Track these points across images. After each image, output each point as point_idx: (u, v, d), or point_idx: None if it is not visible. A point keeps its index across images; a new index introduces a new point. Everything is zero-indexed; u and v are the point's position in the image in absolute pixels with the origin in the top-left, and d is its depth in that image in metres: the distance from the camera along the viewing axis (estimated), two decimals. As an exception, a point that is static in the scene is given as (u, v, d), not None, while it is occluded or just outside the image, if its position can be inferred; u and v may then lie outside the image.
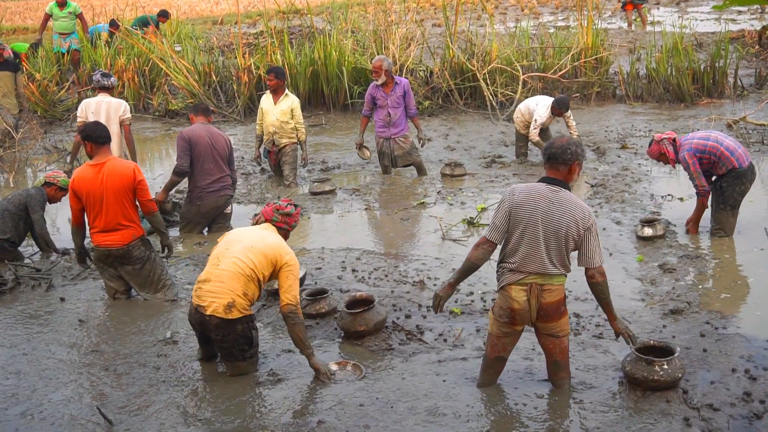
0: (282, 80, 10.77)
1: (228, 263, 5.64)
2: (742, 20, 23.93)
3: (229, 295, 5.58)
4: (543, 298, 5.11)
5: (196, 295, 5.68)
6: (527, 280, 5.12)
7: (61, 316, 6.95)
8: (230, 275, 5.60)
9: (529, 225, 5.11)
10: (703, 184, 8.15)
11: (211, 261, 5.76)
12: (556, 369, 5.38)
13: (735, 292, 7.11)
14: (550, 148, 5.25)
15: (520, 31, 17.15)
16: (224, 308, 5.56)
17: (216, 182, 8.78)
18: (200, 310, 5.62)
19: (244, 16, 27.77)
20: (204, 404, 5.45)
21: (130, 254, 7.09)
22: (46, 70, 16.98)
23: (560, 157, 5.18)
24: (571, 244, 5.11)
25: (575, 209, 5.10)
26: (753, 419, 5.00)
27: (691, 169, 8.11)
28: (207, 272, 5.71)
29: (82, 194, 6.92)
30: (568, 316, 5.29)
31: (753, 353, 5.85)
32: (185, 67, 15.96)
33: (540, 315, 5.16)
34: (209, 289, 5.61)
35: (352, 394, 5.47)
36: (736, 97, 15.10)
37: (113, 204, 6.91)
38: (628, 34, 21.44)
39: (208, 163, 8.68)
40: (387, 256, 8.24)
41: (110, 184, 6.87)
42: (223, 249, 5.76)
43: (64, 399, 5.57)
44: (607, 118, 14.34)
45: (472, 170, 11.36)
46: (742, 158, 8.11)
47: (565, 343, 5.29)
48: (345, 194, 10.54)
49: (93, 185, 6.87)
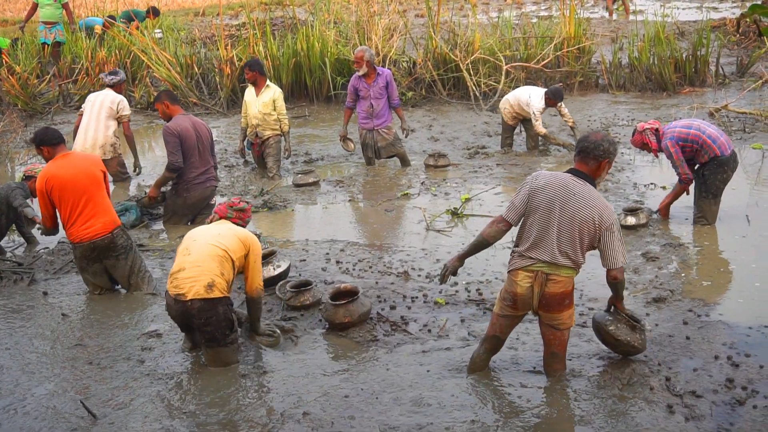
0: (258, 72, 10.72)
1: (200, 249, 5.73)
2: (724, 8, 24.00)
3: (207, 275, 5.64)
4: (547, 287, 5.12)
5: (173, 285, 5.69)
6: (534, 267, 5.13)
7: (44, 311, 6.91)
8: (205, 257, 5.68)
9: (544, 211, 5.11)
10: (686, 172, 8.20)
11: (180, 254, 5.80)
12: (552, 360, 5.40)
13: (717, 279, 7.16)
14: (583, 141, 5.25)
15: (502, 21, 17.15)
16: (205, 288, 5.61)
17: (202, 174, 8.74)
18: (180, 299, 5.64)
19: (226, 7, 27.63)
20: (188, 397, 5.44)
21: (114, 243, 7.07)
22: (26, 62, 16.83)
23: (592, 152, 5.17)
24: (585, 240, 5.09)
25: (595, 206, 5.06)
26: (735, 405, 5.04)
27: (674, 158, 8.17)
28: (179, 263, 5.74)
29: (56, 190, 6.82)
30: (573, 310, 5.27)
31: (735, 340, 5.90)
32: (167, 59, 15.88)
33: (542, 303, 5.17)
34: (186, 276, 5.65)
35: (338, 386, 5.48)
36: (718, 85, 15.16)
37: (92, 188, 6.91)
38: (610, 23, 21.48)
39: (195, 156, 8.62)
40: (371, 248, 8.24)
41: (84, 169, 6.89)
42: (190, 242, 5.83)
43: (47, 393, 5.54)
44: (590, 107, 14.38)
45: (456, 161, 11.37)
46: (724, 146, 8.15)
47: (565, 336, 5.31)
48: (329, 186, 10.53)
49: (67, 176, 6.82)
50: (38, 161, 11.88)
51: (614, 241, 5.09)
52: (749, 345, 5.82)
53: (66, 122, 15.14)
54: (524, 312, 5.32)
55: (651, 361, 5.59)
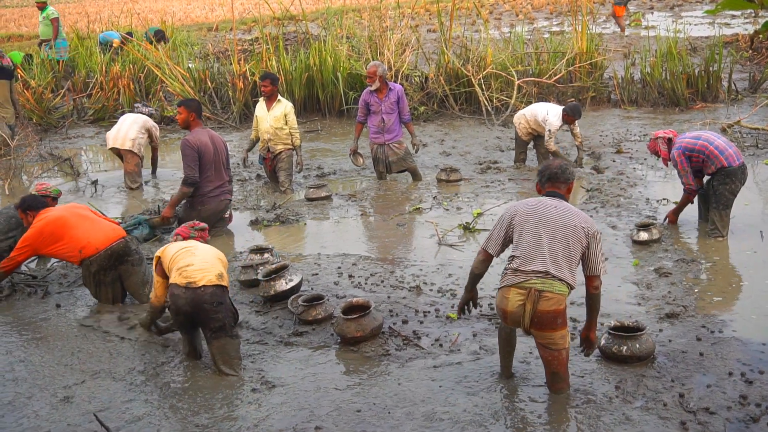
0: (276, 86, 10.79)
1: (204, 250, 6.10)
2: (736, 24, 24.01)
3: (216, 268, 5.97)
4: (539, 304, 5.11)
5: (183, 276, 5.85)
6: (528, 284, 5.14)
7: (57, 323, 6.95)
8: (212, 256, 6.06)
9: (531, 225, 5.26)
10: (689, 183, 8.37)
11: (185, 253, 6.03)
12: (554, 380, 5.39)
13: (730, 295, 7.13)
14: (548, 169, 5.54)
15: (514, 37, 17.19)
16: (216, 276, 5.90)
17: (217, 188, 8.76)
18: (191, 286, 5.80)
19: (239, 22, 27.80)
20: (201, 411, 5.45)
21: (129, 247, 7.31)
22: (41, 77, 16.97)
23: (561, 176, 5.49)
24: (577, 248, 5.18)
25: (579, 215, 5.29)
26: (749, 422, 5.02)
27: (679, 167, 8.35)
28: (187, 260, 5.96)
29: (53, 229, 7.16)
30: (567, 332, 5.27)
31: (749, 356, 5.87)
32: (180, 73, 15.97)
33: (534, 322, 5.16)
34: (197, 268, 5.89)
35: (350, 400, 5.48)
36: (731, 101, 15.14)
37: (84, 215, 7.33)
38: (622, 38, 21.51)
39: (211, 171, 8.63)
40: (383, 262, 8.25)
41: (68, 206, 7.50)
42: (188, 246, 6.14)
43: (61, 406, 5.56)
44: (602, 122, 14.37)
45: (468, 175, 11.37)
46: (732, 158, 8.18)
47: (563, 355, 5.30)
48: (341, 200, 10.55)
49: (59, 212, 7.32)
50: (48, 178, 12.01)
51: (598, 249, 5.25)
52: (763, 362, 5.79)
53: (80, 136, 15.26)
54: (516, 327, 5.36)
55: (664, 377, 5.58)
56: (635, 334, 5.79)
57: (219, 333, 5.87)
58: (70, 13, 35.72)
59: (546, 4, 32.31)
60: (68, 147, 14.48)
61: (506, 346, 5.68)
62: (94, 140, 15.22)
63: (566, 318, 5.24)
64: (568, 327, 5.31)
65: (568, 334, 5.30)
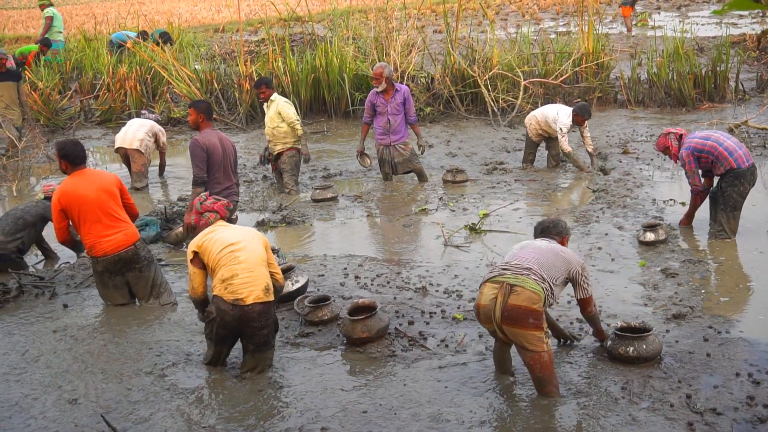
0: (271, 88, 10.97)
1: (248, 255, 5.81)
2: (743, 24, 23.94)
3: (262, 279, 5.80)
4: (510, 298, 5.21)
5: (228, 291, 5.71)
6: (501, 278, 5.31)
7: (65, 324, 6.96)
8: (255, 263, 5.81)
9: (518, 247, 5.73)
10: (696, 183, 8.33)
11: (225, 260, 5.77)
12: (541, 384, 5.40)
13: (737, 296, 7.11)
14: (542, 224, 5.95)
15: (521, 37, 17.17)
16: (264, 292, 5.77)
17: (225, 189, 8.67)
18: (239, 304, 5.68)
19: (246, 23, 27.83)
20: (208, 411, 5.46)
21: (138, 254, 7.17)
22: (48, 78, 17.02)
23: (553, 230, 5.86)
24: (561, 268, 5.46)
25: (567, 250, 5.65)
26: (757, 423, 5.00)
27: (686, 167, 8.30)
28: (229, 269, 5.75)
29: (74, 206, 6.92)
30: (542, 335, 5.26)
31: (756, 357, 5.86)
32: (187, 75, 16.00)
33: (504, 316, 5.22)
34: (242, 282, 5.72)
35: (356, 401, 5.48)
36: (738, 101, 15.11)
37: (109, 201, 7.00)
38: (629, 39, 21.47)
39: (220, 172, 8.57)
40: (389, 263, 8.25)
41: (99, 185, 7.00)
42: (230, 247, 5.82)
43: (68, 407, 5.57)
44: (608, 123, 14.35)
45: (474, 176, 11.37)
46: (741, 159, 8.14)
47: (544, 358, 5.29)
48: (347, 201, 10.56)
49: (79, 197, 6.91)
50: (55, 179, 12.02)
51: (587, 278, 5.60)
52: (770, 362, 5.78)
53: (87, 137, 15.28)
54: (490, 326, 5.39)
55: (671, 378, 5.57)
56: (642, 335, 5.78)
57: (262, 348, 5.88)
58: (78, 15, 35.78)
59: (552, 5, 32.26)
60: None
61: (500, 366, 5.76)
62: (101, 141, 15.26)
63: (541, 321, 5.24)
64: (545, 331, 5.30)
65: (545, 338, 5.29)
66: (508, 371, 5.75)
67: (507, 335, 5.30)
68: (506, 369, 5.76)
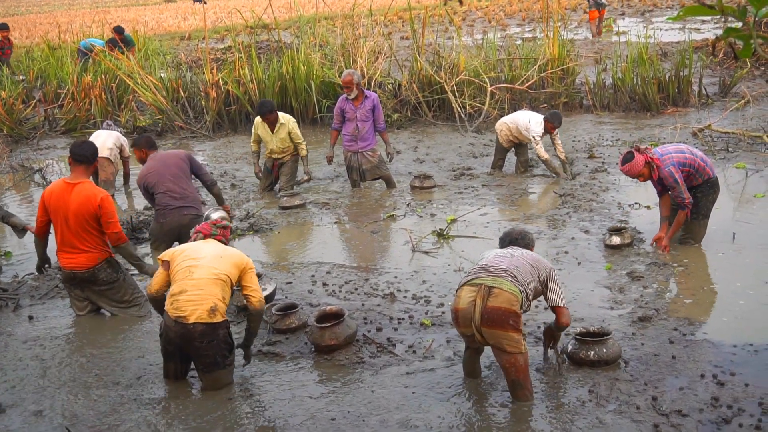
0: (271, 113, 10.96)
1: (203, 272, 5.69)
2: (706, 29, 24.26)
3: (210, 299, 5.63)
4: (489, 300, 5.22)
5: (174, 307, 5.63)
6: (478, 281, 5.33)
7: (29, 336, 6.87)
8: (207, 282, 5.66)
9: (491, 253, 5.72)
10: (689, 196, 8.03)
11: (181, 275, 5.71)
12: (515, 387, 5.41)
13: (702, 298, 7.18)
14: (509, 235, 5.97)
15: (487, 43, 17.25)
16: (208, 313, 5.60)
17: (178, 200, 8.50)
18: (181, 321, 5.58)
19: (212, 31, 27.73)
20: (175, 422, 5.41)
21: (95, 277, 7.04)
22: (11, 88, 16.83)
23: (521, 241, 5.90)
24: (534, 273, 5.48)
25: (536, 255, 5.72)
26: (721, 424, 5.05)
27: (680, 183, 7.95)
28: (180, 284, 5.67)
29: (50, 208, 6.87)
30: (521, 337, 5.29)
31: (720, 359, 5.92)
32: (153, 83, 15.90)
33: (484, 318, 5.22)
34: (188, 299, 5.61)
35: (324, 408, 5.47)
36: (701, 105, 15.28)
37: (75, 225, 6.83)
38: (593, 44, 21.66)
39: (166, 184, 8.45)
40: (357, 270, 8.24)
41: (74, 207, 6.80)
42: (190, 261, 5.75)
43: (32, 419, 5.50)
44: (574, 128, 14.45)
45: (442, 182, 11.39)
46: (713, 168, 8.24)
47: (520, 361, 5.30)
48: (315, 208, 10.54)
49: (59, 203, 6.82)
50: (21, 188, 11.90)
51: (557, 283, 5.59)
52: (734, 363, 5.84)
53: (51, 147, 15.14)
54: (468, 330, 5.35)
55: (637, 381, 5.61)
56: (601, 339, 5.84)
57: (210, 368, 5.74)
58: (41, 23, 35.47)
59: (518, 11, 32.51)
60: (40, 158, 14.36)
61: (469, 375, 5.80)
62: (65, 151, 15.08)
63: (519, 323, 5.26)
64: (523, 334, 5.33)
65: (523, 340, 5.31)
66: (477, 379, 5.77)
67: (485, 338, 5.30)
68: (475, 377, 5.77)
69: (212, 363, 5.71)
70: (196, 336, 5.60)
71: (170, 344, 5.75)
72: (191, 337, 5.61)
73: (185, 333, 5.60)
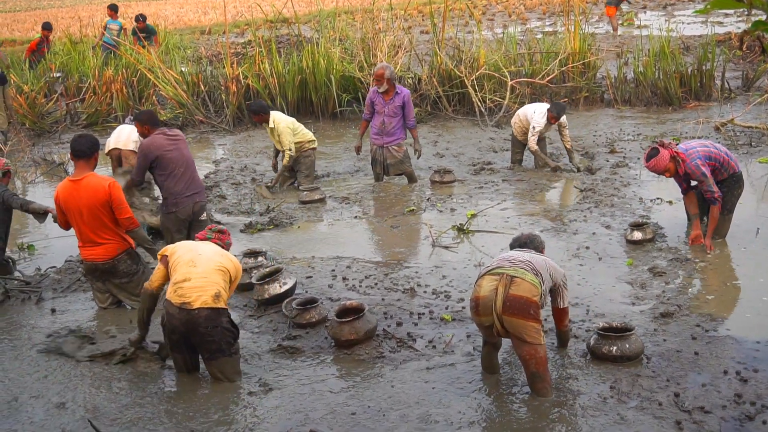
0: (260, 115, 11.00)
1: (206, 262, 5.78)
2: (729, 23, 24.06)
3: (214, 286, 5.70)
4: (511, 288, 5.25)
5: (177, 294, 5.67)
6: (500, 270, 5.38)
7: (52, 329, 6.91)
8: (212, 270, 5.75)
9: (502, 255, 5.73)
10: (718, 190, 7.91)
11: (184, 264, 5.77)
12: (534, 380, 5.41)
13: (724, 294, 7.13)
14: (518, 240, 6.01)
15: (507, 37, 17.19)
16: (213, 298, 5.66)
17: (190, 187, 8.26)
18: (186, 307, 5.62)
19: (232, 25, 27.76)
20: (197, 415, 5.44)
21: (116, 268, 7.08)
22: (34, 82, 16.93)
23: (531, 244, 5.92)
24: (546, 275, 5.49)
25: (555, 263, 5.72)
26: (744, 421, 5.02)
27: (708, 177, 7.84)
28: (183, 273, 5.72)
29: (64, 208, 6.94)
30: (540, 327, 5.31)
31: (743, 355, 5.88)
32: (173, 77, 15.95)
33: (506, 306, 5.24)
34: (192, 286, 5.66)
35: (344, 403, 5.47)
36: (724, 99, 15.17)
37: (89, 219, 6.86)
38: (615, 38, 21.53)
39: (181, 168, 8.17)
40: (377, 264, 8.23)
41: (85, 201, 6.83)
42: (193, 254, 5.84)
43: (55, 412, 5.55)
44: (595, 122, 14.38)
45: (462, 177, 11.36)
46: (737, 162, 8.17)
47: (540, 352, 5.31)
48: (335, 202, 10.53)
49: (70, 201, 6.87)
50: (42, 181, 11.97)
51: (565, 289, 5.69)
52: (757, 360, 5.80)
53: (73, 141, 15.18)
54: (488, 319, 5.35)
55: (659, 377, 5.58)
56: (624, 334, 5.81)
57: (216, 354, 5.76)
58: (63, 18, 35.65)
59: (539, 5, 32.34)
60: (61, 152, 14.43)
61: (488, 371, 5.81)
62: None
63: (539, 314, 5.29)
64: (542, 325, 5.36)
65: (542, 331, 5.34)
66: (496, 374, 5.77)
67: (506, 327, 5.29)
68: (494, 373, 5.77)
69: (217, 350, 5.74)
70: (201, 321, 5.63)
71: (174, 333, 5.75)
72: (196, 323, 5.64)
73: (189, 319, 5.64)
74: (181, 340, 5.80)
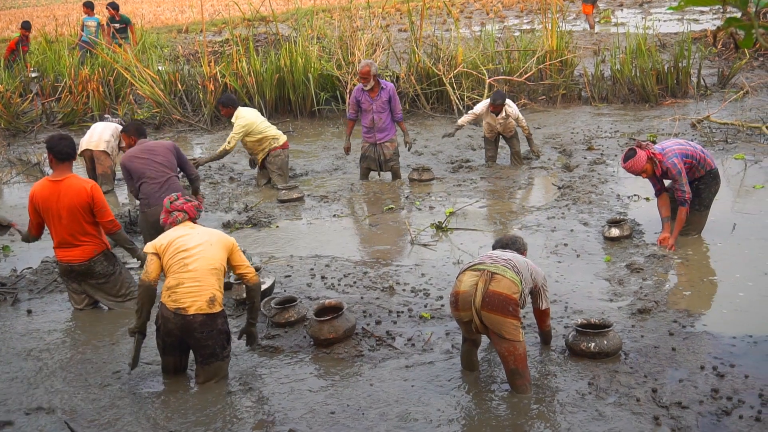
0: (228, 108, 10.94)
1: (198, 263, 5.66)
2: (705, 20, 24.23)
3: (208, 290, 5.63)
4: (491, 285, 5.28)
5: (172, 300, 5.61)
6: (481, 266, 5.41)
7: (28, 330, 6.86)
8: (204, 272, 5.64)
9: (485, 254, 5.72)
10: (689, 191, 7.96)
11: (175, 267, 5.67)
12: (514, 377, 5.43)
13: (701, 289, 7.18)
14: (501, 240, 6.10)
15: (485, 35, 17.22)
16: (207, 303, 5.61)
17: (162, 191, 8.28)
18: (181, 313, 5.57)
19: (209, 24, 27.65)
20: (175, 415, 5.40)
21: (92, 270, 7.02)
22: (9, 81, 16.78)
23: (512, 246, 5.97)
24: (531, 279, 5.53)
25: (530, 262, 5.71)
26: (721, 416, 5.05)
27: (683, 175, 7.89)
28: (176, 277, 5.64)
29: (40, 209, 6.83)
30: (519, 324, 5.34)
31: (720, 350, 5.92)
32: (150, 76, 15.85)
33: (485, 302, 5.26)
34: (186, 291, 5.59)
35: (323, 402, 5.46)
36: (700, 96, 15.27)
37: (68, 221, 6.79)
38: (592, 36, 21.62)
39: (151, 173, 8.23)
40: (356, 263, 8.23)
41: (65, 203, 6.75)
42: (183, 254, 5.70)
43: (32, 413, 5.49)
44: (572, 119, 14.43)
45: (440, 175, 11.37)
46: (713, 159, 8.23)
47: (519, 349, 5.33)
48: (313, 201, 10.51)
49: (49, 202, 6.78)
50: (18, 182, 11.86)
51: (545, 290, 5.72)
52: (734, 355, 5.84)
53: (49, 140, 15.06)
54: (467, 314, 5.37)
55: (637, 373, 5.60)
56: (602, 330, 5.84)
57: (209, 359, 5.74)
58: (38, 17, 35.36)
59: (516, 3, 32.44)
60: (37, 151, 14.31)
61: (467, 368, 5.82)
62: (63, 145, 15.04)
63: (518, 311, 5.32)
64: (521, 323, 5.39)
65: (521, 328, 5.36)
66: (475, 372, 5.78)
67: (485, 323, 5.31)
68: (473, 371, 5.78)
69: (211, 354, 5.71)
70: (196, 327, 5.59)
71: (170, 336, 5.71)
72: (191, 328, 5.61)
73: (185, 324, 5.60)
74: (175, 343, 5.77)
